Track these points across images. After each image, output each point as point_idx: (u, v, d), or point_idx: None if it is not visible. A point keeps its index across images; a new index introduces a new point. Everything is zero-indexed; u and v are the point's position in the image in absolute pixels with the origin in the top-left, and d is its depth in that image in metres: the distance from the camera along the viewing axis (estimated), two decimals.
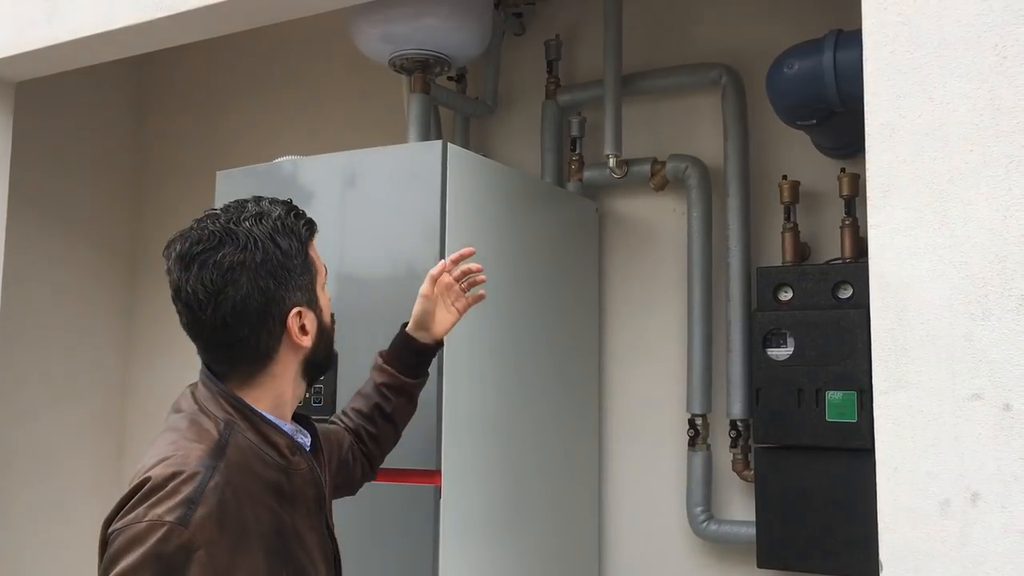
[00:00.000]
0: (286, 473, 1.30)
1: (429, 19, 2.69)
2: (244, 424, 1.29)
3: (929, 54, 1.53)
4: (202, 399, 1.33)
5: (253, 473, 1.26)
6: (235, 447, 1.27)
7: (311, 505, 1.34)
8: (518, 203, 2.61)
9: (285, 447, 1.31)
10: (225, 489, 1.21)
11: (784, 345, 2.43)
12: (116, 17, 2.66)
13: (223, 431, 1.28)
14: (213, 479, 1.21)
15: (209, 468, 1.22)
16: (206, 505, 1.19)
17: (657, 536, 2.89)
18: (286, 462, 1.30)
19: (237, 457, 1.26)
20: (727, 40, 2.92)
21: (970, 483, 1.44)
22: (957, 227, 1.49)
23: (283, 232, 1.34)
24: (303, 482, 1.32)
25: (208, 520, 1.18)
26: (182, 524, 1.16)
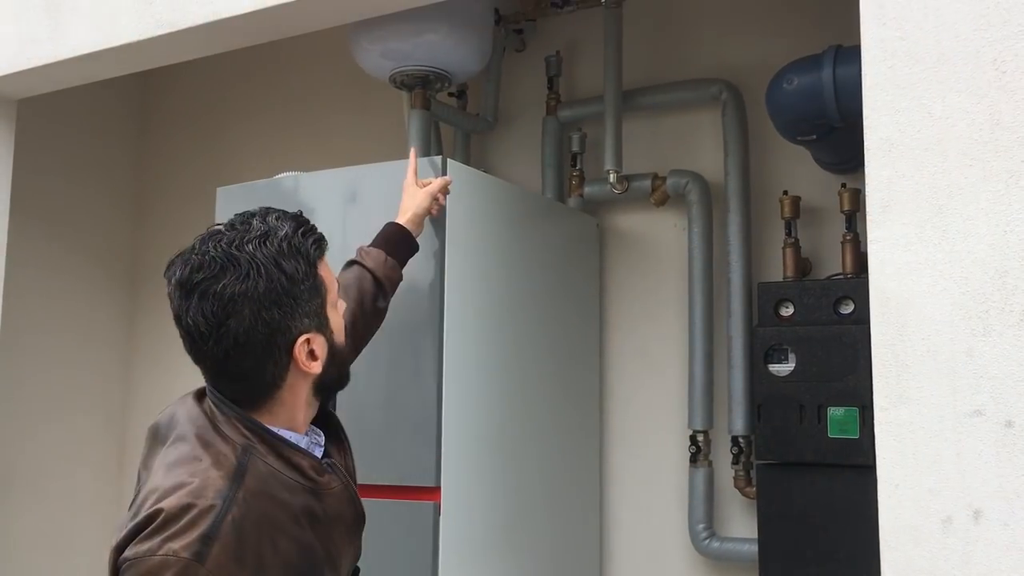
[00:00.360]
0: (316, 495, 1.24)
1: (429, 35, 2.70)
2: (263, 448, 1.22)
3: (928, 69, 1.53)
4: (218, 421, 1.25)
5: (276, 501, 1.19)
6: (254, 474, 1.20)
7: (350, 524, 1.30)
8: (519, 219, 2.61)
9: (310, 468, 1.24)
10: (244, 522, 1.15)
11: (785, 361, 2.42)
12: (118, 34, 2.67)
13: (240, 456, 1.20)
14: (231, 511, 1.15)
15: (227, 500, 1.16)
16: (223, 540, 1.13)
17: (659, 553, 2.87)
18: (314, 484, 1.24)
19: (257, 485, 1.19)
20: (727, 56, 2.93)
21: (972, 500, 1.43)
22: (957, 242, 1.48)
23: (289, 254, 1.26)
24: (337, 502, 1.27)
25: (225, 555, 1.12)
26: (198, 561, 1.11)
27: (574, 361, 2.84)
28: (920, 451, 1.47)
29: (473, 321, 2.34)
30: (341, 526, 1.28)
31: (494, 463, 2.39)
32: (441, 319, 2.21)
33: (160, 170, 4.16)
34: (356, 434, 2.25)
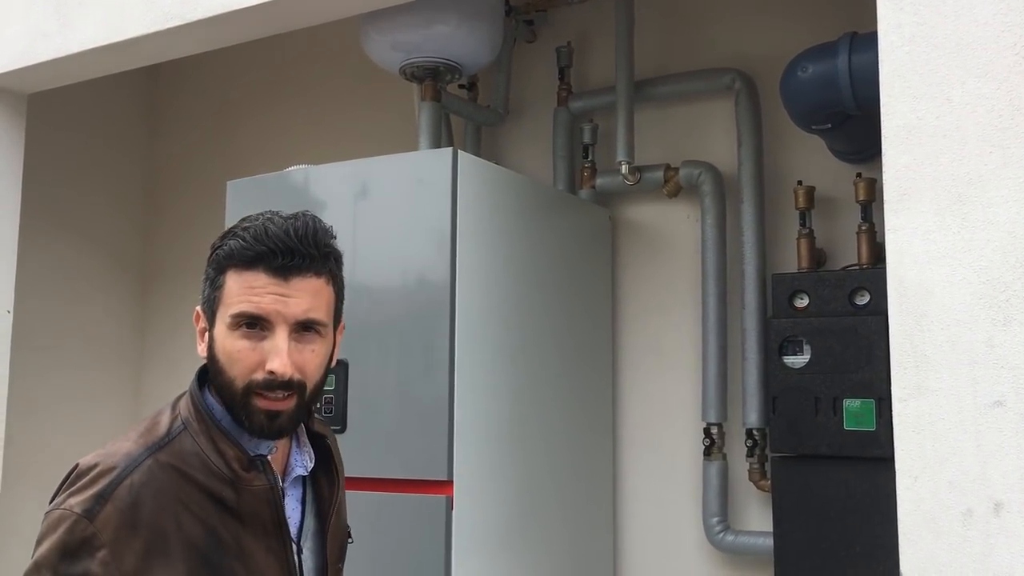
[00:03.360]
0: (233, 487, 1.19)
1: (440, 27, 2.68)
2: (199, 427, 1.22)
3: (947, 54, 1.51)
4: (181, 395, 1.27)
5: (189, 478, 1.18)
6: (176, 448, 1.19)
7: (268, 526, 1.22)
8: (530, 211, 2.59)
9: (234, 459, 1.20)
10: (143, 489, 1.15)
11: (800, 353, 2.39)
12: (127, 28, 2.66)
13: (173, 430, 1.22)
14: (131, 476, 1.15)
15: (131, 466, 1.16)
16: (116, 502, 1.13)
17: (673, 547, 2.86)
18: (233, 475, 1.20)
19: (173, 459, 1.18)
20: (740, 45, 2.90)
21: (993, 492, 1.41)
22: (977, 230, 1.46)
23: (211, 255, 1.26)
24: (255, 500, 1.21)
25: (117, 517, 1.13)
26: (87, 517, 1.12)
27: (586, 353, 2.82)
28: (939, 443, 1.45)
29: (484, 314, 2.32)
30: (257, 525, 1.21)
31: (506, 456, 2.38)
32: (452, 312, 2.20)
33: (170, 166, 4.16)
34: (368, 428, 2.25)
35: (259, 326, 1.19)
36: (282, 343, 1.19)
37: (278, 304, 1.19)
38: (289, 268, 1.20)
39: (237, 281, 1.20)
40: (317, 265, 1.23)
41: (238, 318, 1.19)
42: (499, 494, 2.33)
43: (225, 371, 1.21)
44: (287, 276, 1.20)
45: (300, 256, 1.20)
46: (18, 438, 3.47)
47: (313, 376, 1.23)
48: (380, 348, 2.20)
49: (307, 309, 1.21)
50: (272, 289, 1.19)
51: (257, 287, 1.19)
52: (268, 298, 1.19)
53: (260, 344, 1.19)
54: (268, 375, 1.18)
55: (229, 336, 1.20)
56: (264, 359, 1.19)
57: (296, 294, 1.20)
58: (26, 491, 3.61)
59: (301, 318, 1.21)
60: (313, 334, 1.23)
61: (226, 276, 1.22)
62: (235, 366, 1.20)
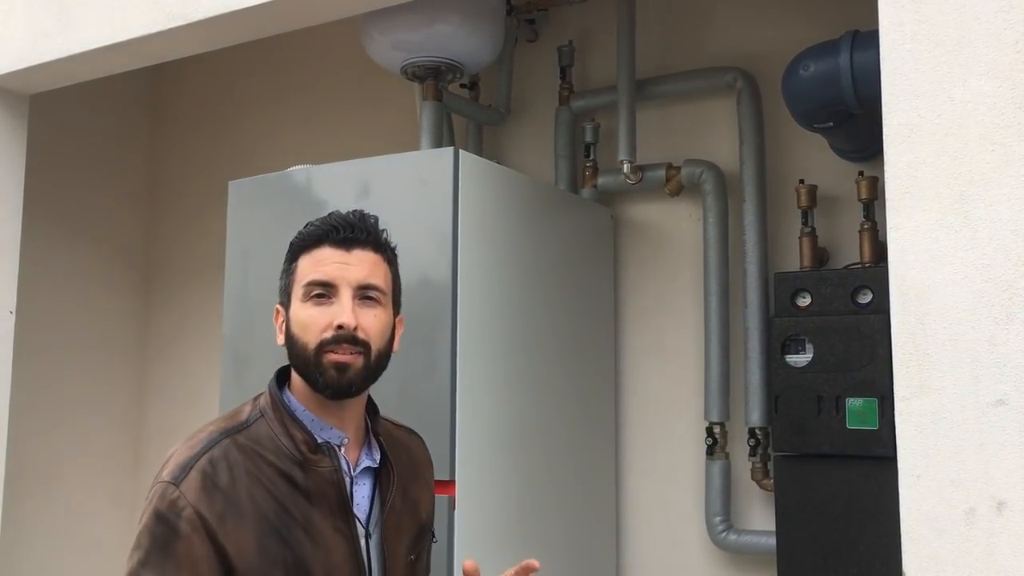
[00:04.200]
0: (301, 467, 1.36)
1: (441, 26, 2.68)
2: (273, 415, 1.39)
3: (948, 52, 1.50)
4: (262, 390, 1.45)
5: (262, 458, 1.35)
6: (253, 433, 1.37)
7: (334, 506, 1.37)
8: (532, 210, 2.59)
9: (302, 442, 1.37)
10: (221, 462, 1.32)
11: (803, 351, 2.39)
12: (128, 28, 2.67)
13: (250, 416, 1.40)
14: (211, 452, 1.33)
15: (213, 441, 1.35)
16: (198, 471, 1.31)
17: (675, 546, 2.85)
18: (301, 456, 1.36)
19: (249, 441, 1.36)
20: (741, 43, 2.89)
21: (995, 491, 1.40)
22: (979, 229, 1.46)
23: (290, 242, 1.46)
24: (322, 480, 1.36)
25: (197, 483, 1.30)
26: (174, 484, 1.30)
27: (588, 353, 2.82)
28: (942, 442, 1.45)
29: (487, 314, 2.32)
30: (323, 504, 1.36)
31: (509, 456, 2.38)
32: (455, 312, 2.20)
33: (172, 165, 4.16)
34: None
35: (327, 294, 1.38)
36: (347, 302, 1.37)
37: (341, 270, 1.38)
38: (350, 240, 1.40)
39: (306, 260, 1.40)
40: (375, 242, 1.42)
41: (309, 287, 1.38)
42: (501, 494, 2.33)
43: (300, 339, 1.38)
44: (349, 247, 1.39)
45: (359, 231, 1.41)
46: (21, 437, 3.47)
47: (376, 339, 1.39)
48: None
49: (367, 275, 1.39)
50: (336, 258, 1.39)
51: (324, 259, 1.39)
52: (333, 266, 1.38)
53: (329, 309, 1.37)
54: (336, 330, 1.35)
55: (302, 308, 1.38)
56: (333, 320, 1.36)
57: (356, 262, 1.39)
58: (28, 489, 3.62)
59: (362, 282, 1.39)
60: (374, 302, 1.40)
61: (298, 261, 1.42)
62: (308, 331, 1.37)
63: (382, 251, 1.44)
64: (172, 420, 3.97)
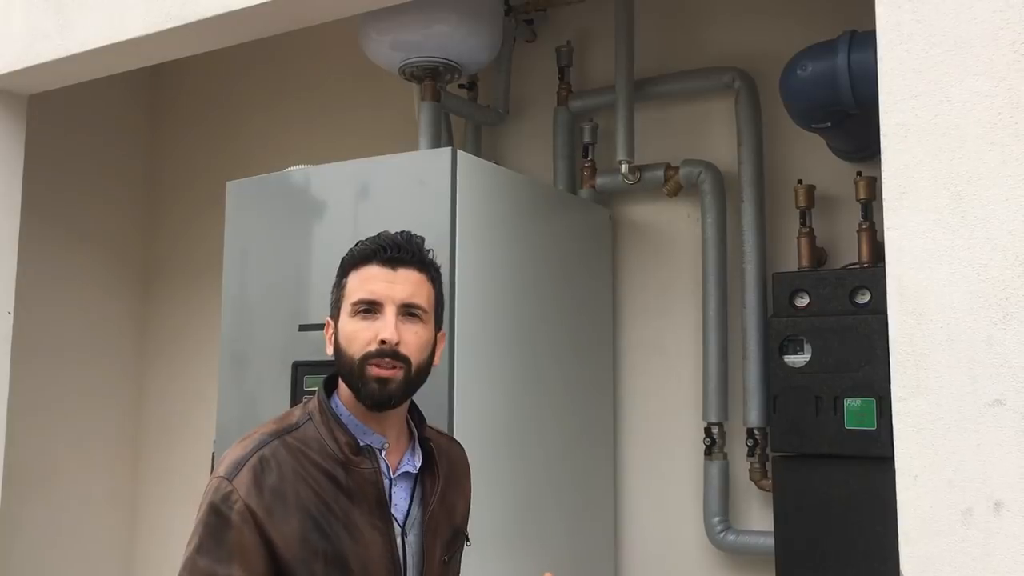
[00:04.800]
0: (344, 467, 1.45)
1: (439, 27, 2.68)
2: (320, 419, 1.49)
3: (945, 52, 1.50)
4: (311, 397, 1.56)
5: (308, 458, 1.45)
6: (301, 435, 1.47)
7: (373, 505, 1.46)
8: (530, 210, 2.59)
9: (345, 444, 1.46)
10: (270, 460, 1.43)
11: (801, 352, 2.39)
12: (126, 28, 2.66)
13: (299, 419, 1.50)
14: (262, 450, 1.44)
15: (263, 442, 1.45)
16: (250, 467, 1.42)
17: (674, 547, 2.85)
18: (345, 458, 1.46)
19: (297, 442, 1.46)
20: (740, 44, 2.89)
21: (993, 492, 1.40)
22: (976, 229, 1.46)
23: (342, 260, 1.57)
24: (363, 480, 1.46)
25: (249, 478, 1.41)
26: (228, 479, 1.41)
27: (587, 353, 2.82)
28: (939, 442, 1.45)
29: (484, 314, 2.32)
30: (364, 503, 1.46)
31: (507, 456, 2.38)
32: (452, 312, 2.19)
33: (171, 166, 4.16)
34: None
35: (373, 310, 1.48)
36: (390, 318, 1.47)
37: (387, 289, 1.48)
38: (397, 260, 1.50)
39: (355, 277, 1.51)
40: (419, 263, 1.53)
41: (357, 304, 1.48)
42: (499, 494, 2.33)
43: (346, 351, 1.48)
44: (395, 266, 1.50)
45: (405, 251, 1.51)
46: (19, 439, 3.47)
47: (416, 355, 1.49)
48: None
49: (411, 294, 1.50)
50: (383, 277, 1.49)
51: (371, 277, 1.49)
52: (379, 284, 1.49)
53: (374, 324, 1.47)
54: (380, 344, 1.45)
55: (350, 322, 1.49)
56: (377, 335, 1.46)
57: (401, 281, 1.49)
58: (27, 491, 3.62)
59: (406, 300, 1.49)
60: (416, 319, 1.50)
61: (348, 277, 1.52)
62: (353, 344, 1.47)
63: (426, 271, 1.53)
64: (170, 421, 3.96)
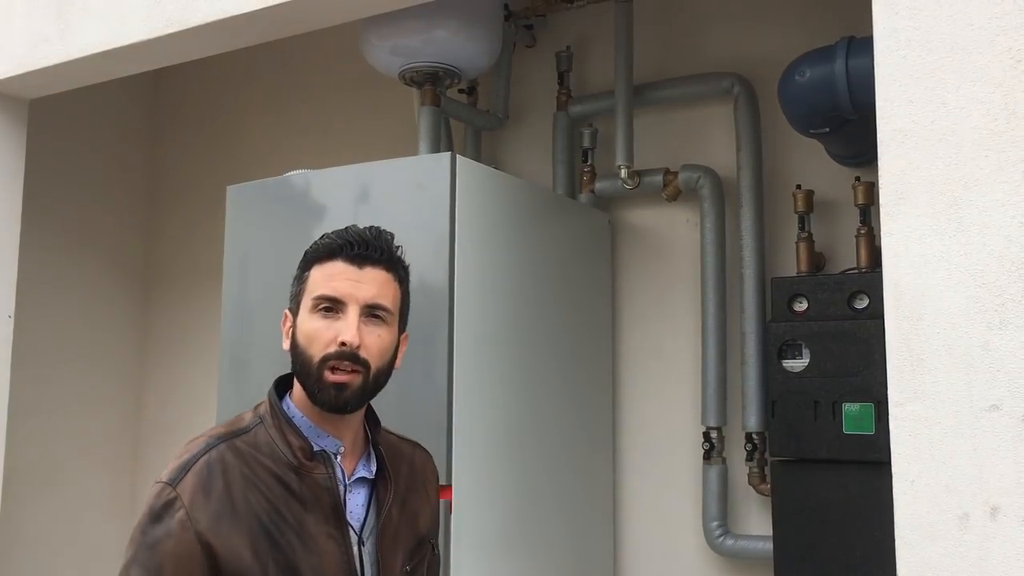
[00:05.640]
0: (296, 473, 1.38)
1: (439, 32, 2.69)
2: (272, 421, 1.42)
3: (942, 58, 1.51)
4: (263, 398, 1.48)
5: (259, 463, 1.38)
6: (252, 438, 1.40)
7: (328, 513, 1.39)
8: (529, 215, 2.60)
9: (298, 449, 1.40)
10: (217, 465, 1.36)
11: (800, 356, 2.39)
12: (128, 33, 2.67)
13: (250, 423, 1.43)
14: (209, 454, 1.37)
15: (211, 445, 1.38)
16: (195, 473, 1.34)
17: (672, 551, 2.85)
18: (298, 463, 1.39)
19: (247, 446, 1.39)
20: (738, 49, 2.90)
21: (989, 497, 1.40)
22: (973, 234, 1.46)
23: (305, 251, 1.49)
24: (316, 486, 1.39)
25: (194, 484, 1.33)
26: (171, 484, 1.34)
27: (586, 358, 2.82)
28: (936, 447, 1.45)
29: (484, 318, 2.33)
30: (318, 510, 1.39)
31: (506, 460, 2.38)
32: (451, 316, 2.20)
33: (171, 171, 4.17)
34: None
35: (335, 309, 1.40)
36: (352, 319, 1.39)
37: (351, 288, 1.40)
38: (364, 258, 1.42)
39: (319, 272, 1.43)
40: (387, 261, 1.45)
41: (318, 300, 1.40)
42: (498, 498, 2.33)
43: (305, 350, 1.40)
44: (361, 264, 1.42)
45: (373, 249, 1.43)
46: (20, 442, 3.48)
47: (377, 359, 1.41)
48: None
49: (375, 295, 1.42)
50: (348, 275, 1.41)
51: (335, 273, 1.41)
52: (344, 282, 1.41)
53: (335, 323, 1.40)
54: (339, 346, 1.38)
55: (310, 319, 1.41)
56: (337, 335, 1.38)
57: (367, 281, 1.42)
58: (28, 494, 3.62)
59: (370, 301, 1.41)
60: (380, 321, 1.42)
61: (311, 271, 1.44)
62: (313, 344, 1.39)
63: (394, 270, 1.46)
64: (171, 425, 3.97)
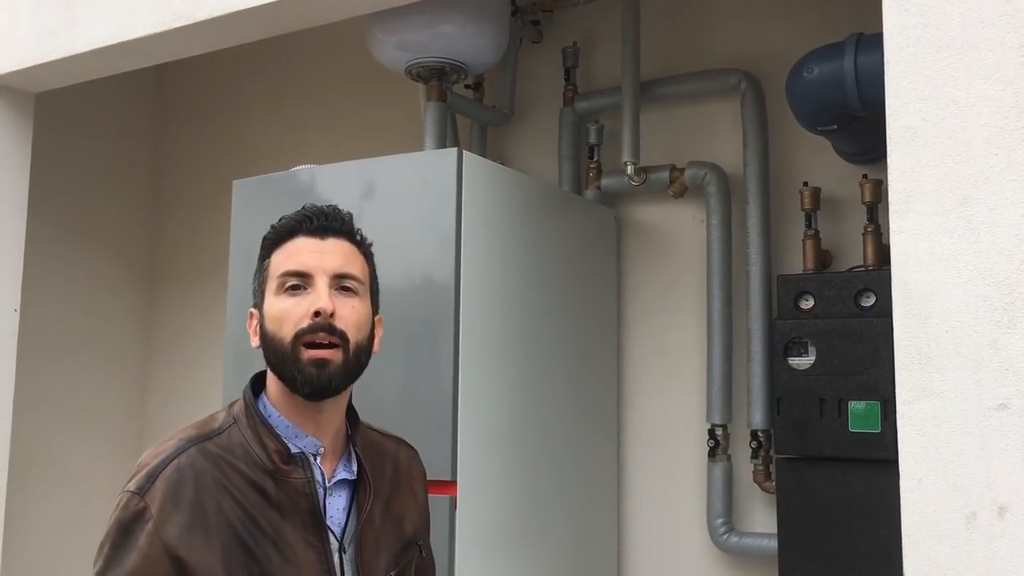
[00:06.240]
0: (273, 477, 1.30)
1: (446, 27, 2.68)
2: (246, 423, 1.33)
3: (952, 55, 1.50)
4: (238, 397, 1.39)
5: (233, 467, 1.29)
6: (224, 441, 1.31)
7: (306, 519, 1.31)
8: (535, 211, 2.59)
9: (274, 452, 1.31)
10: (187, 471, 1.27)
11: (806, 354, 2.39)
12: (134, 27, 2.67)
13: (223, 424, 1.34)
14: (178, 459, 1.28)
15: (180, 449, 1.29)
16: (163, 480, 1.26)
17: (677, 548, 2.85)
18: (273, 466, 1.30)
19: (220, 449, 1.30)
20: (746, 45, 2.89)
21: (997, 496, 1.40)
22: (982, 232, 1.45)
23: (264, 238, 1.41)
24: (294, 491, 1.31)
25: (162, 493, 1.25)
26: (139, 493, 1.26)
27: (591, 354, 2.82)
28: (944, 445, 1.45)
29: (489, 314, 2.32)
30: (296, 517, 1.31)
31: (511, 457, 2.38)
32: (457, 312, 2.20)
33: (177, 166, 4.16)
34: None
35: (303, 284, 1.32)
36: (323, 289, 1.31)
37: (317, 259, 1.33)
38: (325, 229, 1.35)
39: (280, 254, 1.35)
40: (349, 232, 1.38)
41: (283, 278, 1.33)
42: (503, 494, 2.33)
43: (275, 334, 1.31)
44: (323, 235, 1.35)
45: (334, 219, 1.36)
46: (25, 436, 3.48)
47: (355, 331, 1.33)
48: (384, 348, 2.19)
49: (343, 263, 1.34)
50: (311, 247, 1.34)
51: (298, 250, 1.34)
52: (308, 255, 1.33)
53: (305, 298, 1.31)
54: (313, 317, 1.29)
55: (277, 300, 1.33)
56: (309, 308, 1.30)
57: (332, 250, 1.34)
58: (32, 488, 3.63)
59: (338, 271, 1.33)
60: (351, 293, 1.35)
61: (271, 257, 1.36)
62: (283, 325, 1.31)
63: (357, 243, 1.39)
64: (175, 421, 3.95)
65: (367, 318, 1.37)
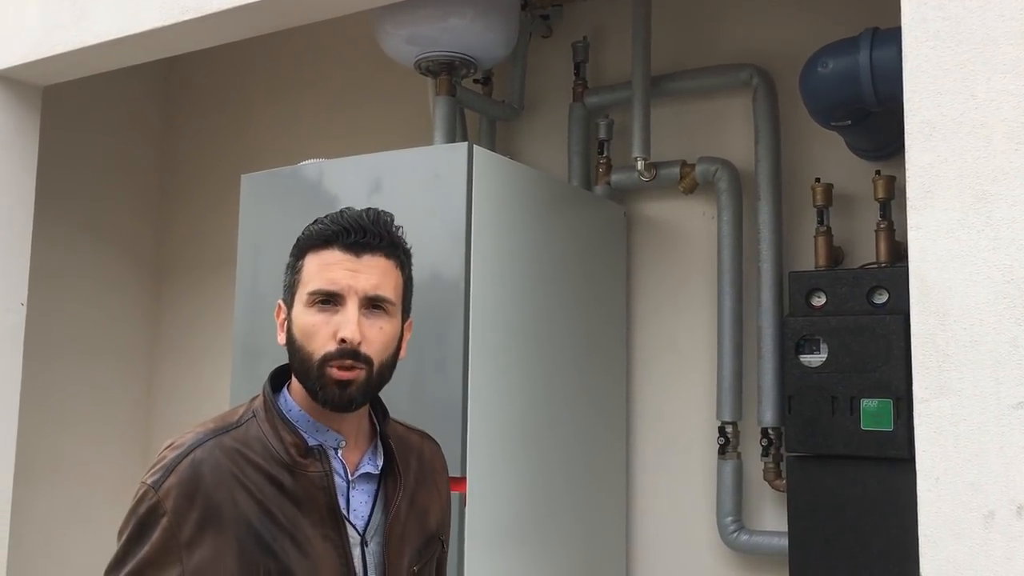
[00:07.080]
0: (290, 471, 1.30)
1: (455, 21, 2.67)
2: (265, 416, 1.34)
3: (972, 50, 1.48)
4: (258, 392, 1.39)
5: (249, 461, 1.29)
6: (242, 434, 1.31)
7: (324, 513, 1.30)
8: (545, 206, 2.58)
9: (291, 445, 1.31)
10: (202, 465, 1.26)
11: (817, 351, 2.37)
12: (142, 20, 2.66)
13: (242, 417, 1.34)
14: (193, 453, 1.27)
15: (198, 442, 1.29)
16: (178, 474, 1.26)
17: (686, 546, 2.84)
18: (291, 460, 1.30)
19: (237, 443, 1.30)
20: (758, 40, 2.87)
21: (1016, 495, 1.38)
22: (1002, 229, 1.44)
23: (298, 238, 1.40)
24: (311, 485, 1.30)
25: (177, 488, 1.25)
26: (155, 488, 1.26)
27: (601, 351, 2.81)
28: (961, 444, 1.43)
29: (499, 310, 2.31)
30: (313, 511, 1.30)
31: (520, 453, 2.37)
32: (467, 308, 2.19)
33: (184, 160, 4.16)
34: None
35: (333, 302, 1.31)
36: (352, 314, 1.30)
37: (350, 279, 1.31)
38: (362, 245, 1.32)
39: (314, 261, 1.33)
40: (387, 247, 1.35)
41: (314, 295, 1.31)
42: (512, 491, 2.32)
43: (303, 347, 1.31)
44: (359, 252, 1.32)
45: (372, 235, 1.33)
46: (30, 433, 3.48)
47: (380, 353, 1.33)
48: None
49: (376, 285, 1.32)
50: (345, 265, 1.32)
51: (332, 263, 1.32)
52: (341, 273, 1.31)
53: (333, 318, 1.30)
54: (340, 344, 1.29)
55: (306, 313, 1.32)
56: (337, 331, 1.29)
57: (366, 270, 1.32)
58: (38, 482, 3.62)
59: (370, 293, 1.32)
60: (381, 312, 1.33)
61: (305, 259, 1.35)
62: (312, 340, 1.30)
63: (395, 256, 1.36)
64: (182, 416, 3.96)
65: (394, 336, 1.36)
